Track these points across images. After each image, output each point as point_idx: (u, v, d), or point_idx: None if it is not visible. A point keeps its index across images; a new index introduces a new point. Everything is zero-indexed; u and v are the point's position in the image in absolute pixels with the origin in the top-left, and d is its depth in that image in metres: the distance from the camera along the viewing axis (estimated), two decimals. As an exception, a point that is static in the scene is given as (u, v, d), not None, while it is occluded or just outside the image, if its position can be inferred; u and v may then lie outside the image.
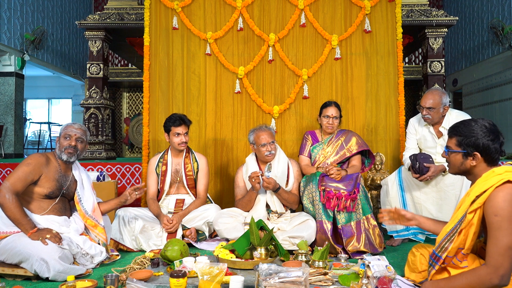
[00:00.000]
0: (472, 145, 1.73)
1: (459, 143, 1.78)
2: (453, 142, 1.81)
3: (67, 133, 2.58)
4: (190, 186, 3.33)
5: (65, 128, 2.62)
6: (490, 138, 1.71)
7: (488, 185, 1.65)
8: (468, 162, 1.77)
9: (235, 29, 4.06)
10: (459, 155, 1.79)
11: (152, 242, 2.96)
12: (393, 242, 3.09)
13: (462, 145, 1.77)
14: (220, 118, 4.04)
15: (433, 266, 1.82)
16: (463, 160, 1.78)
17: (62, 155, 2.55)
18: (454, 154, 1.81)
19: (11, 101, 7.78)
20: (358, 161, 3.29)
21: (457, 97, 10.32)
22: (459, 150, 1.78)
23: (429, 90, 3.09)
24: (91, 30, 5.63)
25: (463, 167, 1.80)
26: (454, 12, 9.82)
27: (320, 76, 4.04)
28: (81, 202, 2.59)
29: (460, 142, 1.77)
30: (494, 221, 1.61)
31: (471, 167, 1.77)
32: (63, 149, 2.54)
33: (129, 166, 4.83)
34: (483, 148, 1.72)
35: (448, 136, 1.86)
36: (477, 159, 1.74)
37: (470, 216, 1.70)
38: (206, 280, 1.90)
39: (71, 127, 2.61)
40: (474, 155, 1.74)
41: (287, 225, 2.90)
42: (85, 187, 2.66)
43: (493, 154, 1.72)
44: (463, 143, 1.76)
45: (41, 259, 2.14)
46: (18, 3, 7.91)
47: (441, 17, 5.40)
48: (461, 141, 1.77)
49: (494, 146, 1.72)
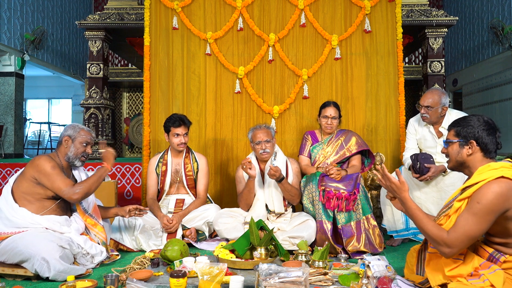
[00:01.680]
0: (468, 134, 1.81)
1: (457, 134, 1.86)
2: (451, 133, 1.89)
3: (86, 140, 2.59)
4: (190, 186, 3.33)
5: (81, 133, 2.59)
6: (485, 128, 1.79)
7: (481, 178, 1.71)
8: (465, 151, 1.83)
9: (235, 29, 4.05)
10: (456, 145, 1.86)
11: (152, 242, 2.96)
12: (393, 242, 3.09)
13: (459, 135, 1.84)
14: (220, 118, 4.04)
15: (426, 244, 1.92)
16: (460, 149, 1.85)
17: (76, 161, 2.58)
18: (452, 145, 1.87)
19: (11, 101, 7.78)
20: (358, 161, 3.29)
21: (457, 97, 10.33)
22: (456, 140, 1.85)
23: (429, 90, 3.10)
24: (91, 30, 5.63)
25: (460, 157, 1.85)
26: (454, 12, 9.82)
27: (320, 76, 4.04)
28: (81, 202, 2.59)
29: (458, 132, 1.85)
30: (474, 206, 1.67)
31: (467, 157, 1.82)
32: (79, 155, 2.57)
33: (129, 166, 4.83)
34: (479, 136, 1.79)
35: (447, 130, 1.93)
36: (473, 148, 1.80)
37: (457, 204, 1.76)
38: (206, 280, 1.90)
39: (88, 134, 2.62)
40: (471, 143, 1.80)
41: (287, 225, 2.90)
42: None
43: (489, 144, 1.79)
44: (460, 132, 1.84)
45: (42, 258, 2.14)
46: (18, 3, 7.91)
47: (441, 17, 5.40)
48: (459, 131, 1.85)
49: (489, 137, 1.78)
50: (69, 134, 2.58)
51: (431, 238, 1.77)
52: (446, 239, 1.70)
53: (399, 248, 3.00)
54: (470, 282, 1.71)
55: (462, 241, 1.68)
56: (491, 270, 1.71)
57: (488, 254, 1.78)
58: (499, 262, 1.73)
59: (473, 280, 1.71)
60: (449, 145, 1.89)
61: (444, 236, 1.71)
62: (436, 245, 1.76)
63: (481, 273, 1.72)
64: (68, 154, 2.56)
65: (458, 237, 1.68)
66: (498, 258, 1.74)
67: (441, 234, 1.72)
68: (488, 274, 1.69)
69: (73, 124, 2.65)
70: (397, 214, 3.07)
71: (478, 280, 1.70)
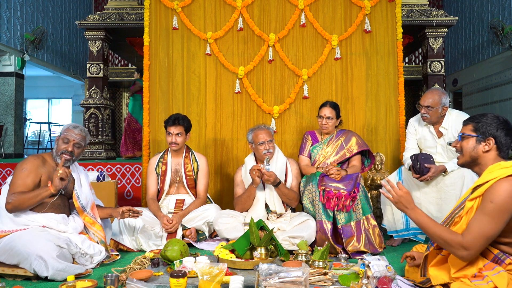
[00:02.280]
0: (487, 130, 1.80)
1: (475, 129, 1.84)
2: (468, 128, 1.87)
3: (66, 137, 2.54)
4: (190, 186, 3.33)
5: (66, 130, 2.57)
6: (504, 128, 1.80)
7: (492, 176, 1.70)
8: (481, 148, 1.81)
9: (235, 29, 4.05)
10: (473, 140, 1.84)
11: (152, 242, 2.96)
12: (393, 242, 3.09)
13: (477, 131, 1.83)
14: (220, 118, 4.04)
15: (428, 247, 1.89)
16: (476, 145, 1.83)
17: (57, 159, 2.53)
18: (468, 140, 1.85)
19: (11, 101, 7.78)
20: (358, 161, 3.29)
21: (457, 97, 10.32)
22: (473, 135, 1.83)
23: (429, 90, 3.10)
24: (91, 30, 5.62)
25: (475, 153, 1.83)
26: (454, 12, 9.81)
27: (320, 76, 4.04)
28: (79, 200, 2.58)
29: (476, 128, 1.83)
30: (487, 206, 1.66)
31: (482, 153, 1.81)
32: (59, 153, 2.52)
33: (129, 166, 4.83)
34: (498, 135, 1.79)
35: (463, 124, 1.91)
36: (490, 145, 1.79)
37: (469, 204, 1.75)
38: (206, 280, 1.90)
39: (71, 131, 2.55)
40: (488, 140, 1.79)
41: (287, 225, 2.90)
42: (83, 185, 2.66)
43: (505, 144, 1.80)
44: (479, 128, 1.82)
45: (39, 257, 2.14)
46: (18, 3, 7.91)
47: (441, 17, 5.39)
48: (478, 127, 1.83)
49: (507, 137, 1.79)
50: (60, 132, 2.60)
51: (445, 242, 1.73)
52: (462, 242, 1.68)
53: (399, 248, 3.00)
54: (474, 283, 1.70)
55: (479, 242, 1.67)
56: (495, 272, 1.69)
57: (493, 255, 1.76)
58: (503, 264, 1.72)
59: (477, 281, 1.70)
60: (464, 139, 1.87)
61: (459, 239, 1.69)
62: (452, 250, 1.72)
63: (485, 274, 1.70)
64: (53, 153, 2.56)
65: (474, 238, 1.66)
66: (503, 260, 1.72)
67: (455, 237, 1.70)
68: (492, 275, 1.68)
69: (69, 124, 2.64)
70: (397, 214, 3.07)
71: (482, 281, 1.69)
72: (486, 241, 1.68)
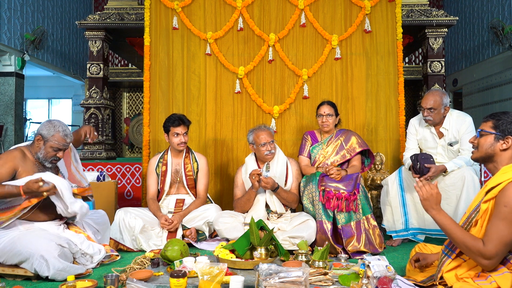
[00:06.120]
0: (507, 129, 1.80)
1: (494, 126, 1.84)
2: (488, 124, 1.87)
3: (57, 147, 2.39)
4: (190, 186, 3.33)
5: (55, 137, 2.39)
6: None
7: (505, 178, 1.70)
8: (498, 145, 1.81)
9: (235, 29, 4.06)
10: (491, 137, 1.84)
11: (152, 242, 2.96)
12: (393, 242, 3.09)
13: (497, 128, 1.83)
14: (220, 118, 4.04)
15: (448, 255, 1.84)
16: (494, 142, 1.83)
17: (45, 163, 2.43)
18: (486, 136, 1.85)
19: (11, 101, 7.77)
20: (358, 161, 3.29)
21: (457, 97, 10.32)
22: (493, 132, 1.83)
23: (430, 91, 3.08)
24: (91, 30, 5.62)
25: (491, 150, 1.83)
26: (454, 12, 9.81)
27: (320, 76, 4.04)
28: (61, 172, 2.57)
29: (496, 125, 1.83)
30: (502, 211, 1.65)
31: (499, 151, 1.81)
32: (48, 159, 2.42)
33: (129, 166, 4.83)
34: None
35: (483, 120, 1.91)
36: (508, 143, 1.79)
37: (484, 206, 1.74)
38: (206, 280, 1.90)
39: (62, 140, 2.40)
40: (507, 138, 1.80)
41: (287, 225, 2.90)
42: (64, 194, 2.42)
43: None
44: (499, 126, 1.82)
45: (41, 256, 2.14)
46: (18, 3, 7.91)
47: (441, 17, 5.39)
48: (498, 125, 1.83)
49: None
50: (42, 134, 2.40)
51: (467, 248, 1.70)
52: (482, 250, 1.65)
53: (399, 248, 3.01)
54: (477, 283, 1.69)
55: (499, 249, 1.64)
56: (499, 272, 1.69)
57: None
58: (508, 264, 1.70)
59: (480, 281, 1.70)
60: (482, 135, 1.87)
61: (480, 247, 1.66)
62: (473, 256, 1.70)
63: (488, 275, 1.70)
64: (37, 154, 2.43)
65: (494, 246, 1.64)
66: (508, 259, 1.71)
67: (476, 244, 1.68)
68: (496, 276, 1.68)
69: (52, 123, 2.44)
70: (397, 214, 3.08)
71: (485, 282, 1.68)
72: (506, 247, 1.66)
